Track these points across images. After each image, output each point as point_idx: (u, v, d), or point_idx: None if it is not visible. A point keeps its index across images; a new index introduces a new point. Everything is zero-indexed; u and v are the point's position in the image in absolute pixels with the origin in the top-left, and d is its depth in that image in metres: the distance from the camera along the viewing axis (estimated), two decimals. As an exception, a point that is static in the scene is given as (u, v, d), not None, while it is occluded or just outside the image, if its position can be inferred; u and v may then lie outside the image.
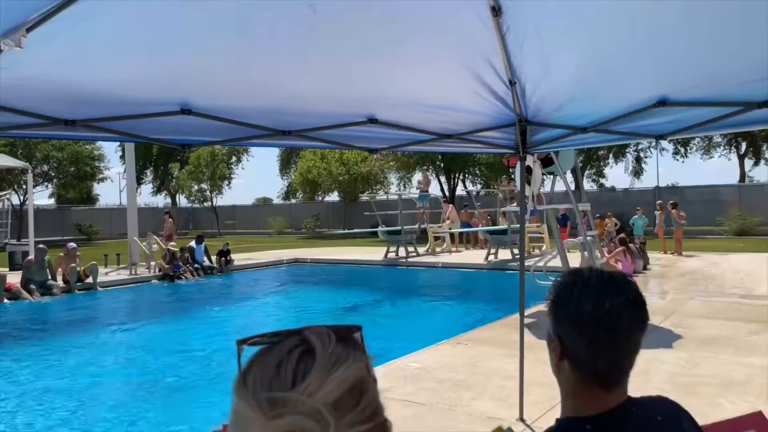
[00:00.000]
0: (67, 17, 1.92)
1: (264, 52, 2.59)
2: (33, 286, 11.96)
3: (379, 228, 18.96)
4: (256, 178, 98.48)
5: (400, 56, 2.85)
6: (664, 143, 31.58)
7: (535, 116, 3.61)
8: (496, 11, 2.51)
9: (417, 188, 19.52)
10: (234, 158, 41.52)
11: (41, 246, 12.91)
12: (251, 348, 0.61)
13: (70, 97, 2.60)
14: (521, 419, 4.28)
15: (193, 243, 15.89)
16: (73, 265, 12.87)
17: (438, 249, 19.48)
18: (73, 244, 13.57)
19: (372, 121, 3.39)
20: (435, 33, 2.67)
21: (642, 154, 33.60)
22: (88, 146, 33.25)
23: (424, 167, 24.78)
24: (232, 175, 41.42)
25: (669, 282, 11.50)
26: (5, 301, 11.48)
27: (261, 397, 0.54)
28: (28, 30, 1.92)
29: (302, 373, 0.55)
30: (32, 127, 2.68)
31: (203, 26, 2.34)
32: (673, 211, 16.25)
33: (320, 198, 38.73)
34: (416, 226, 19.02)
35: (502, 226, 17.22)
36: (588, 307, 1.04)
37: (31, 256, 12.82)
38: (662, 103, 2.97)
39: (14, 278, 12.29)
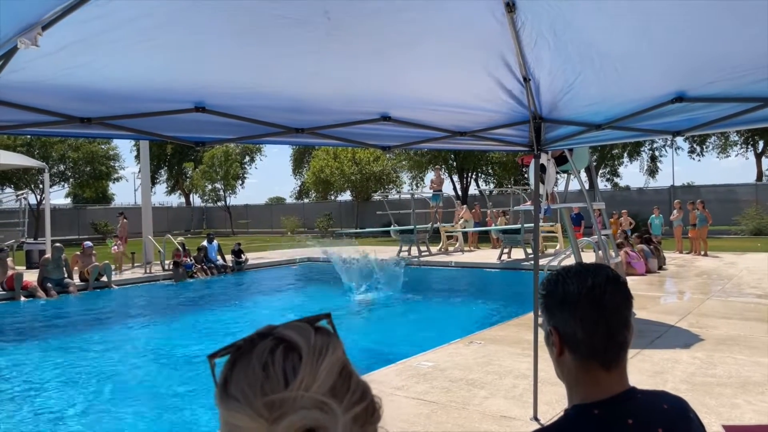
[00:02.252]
0: (82, 15, 1.94)
1: (277, 51, 2.59)
2: (49, 285, 12.11)
3: (392, 227, 18.96)
4: (269, 177, 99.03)
5: (413, 53, 2.84)
6: (679, 142, 31.33)
7: (549, 113, 3.58)
8: (510, 7, 2.49)
9: (430, 187, 19.47)
10: (247, 158, 41.76)
11: (58, 245, 13.07)
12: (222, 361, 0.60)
13: (85, 95, 2.62)
14: (535, 418, 4.25)
15: (204, 242, 16.01)
16: (95, 263, 13.06)
17: (451, 248, 19.45)
18: (89, 243, 13.77)
19: (385, 118, 3.38)
20: (448, 30, 2.66)
21: (657, 153, 33.25)
22: (103, 146, 33.63)
23: (437, 166, 24.71)
24: (245, 175, 41.75)
25: (685, 282, 11.38)
26: (22, 299, 11.64)
27: (257, 404, 0.53)
28: (44, 28, 1.93)
29: (292, 370, 0.54)
30: (49, 124, 2.70)
31: (217, 26, 2.34)
32: (705, 210, 16.24)
33: (333, 197, 38.81)
34: (429, 225, 19.00)
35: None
36: (573, 288, 1.11)
37: (48, 255, 12.99)
38: (679, 99, 2.93)
39: (31, 276, 12.45)
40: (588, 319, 1.08)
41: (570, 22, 2.64)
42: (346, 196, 38.04)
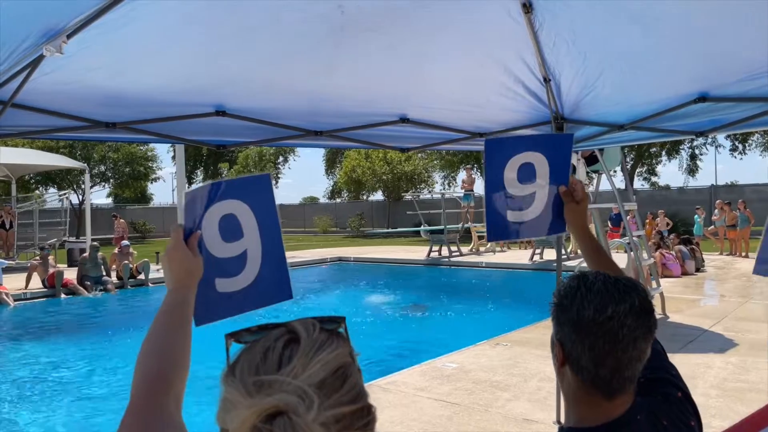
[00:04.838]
0: (105, 23, 2.00)
1: (295, 54, 2.63)
2: (88, 282, 12.49)
3: (422, 227, 18.91)
4: (303, 177, 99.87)
5: (431, 55, 2.84)
6: (720, 139, 30.39)
7: (571, 113, 3.53)
8: (527, 8, 2.48)
9: (461, 187, 19.34)
10: (281, 158, 42.24)
11: (93, 243, 13.49)
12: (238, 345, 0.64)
13: (109, 100, 2.70)
14: (558, 422, 4.20)
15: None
16: (126, 262, 13.41)
17: (482, 248, 19.30)
18: (126, 242, 14.15)
19: (404, 120, 3.39)
20: (465, 31, 2.66)
21: (697, 152, 32.29)
22: (142, 147, 34.44)
23: (468, 166, 24.55)
24: (279, 175, 42.19)
25: (723, 284, 11.06)
26: (62, 296, 12.04)
27: (248, 381, 0.57)
28: (69, 36, 2.00)
29: (288, 357, 0.58)
30: (75, 129, 2.80)
31: (235, 30, 2.39)
32: (747, 210, 15.94)
33: (365, 197, 38.94)
34: (460, 225, 18.90)
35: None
36: (590, 312, 0.99)
37: (86, 254, 13.41)
38: (702, 98, 2.86)
39: (71, 274, 12.88)
40: (597, 350, 0.98)
41: (589, 23, 2.61)
42: (378, 195, 38.14)
